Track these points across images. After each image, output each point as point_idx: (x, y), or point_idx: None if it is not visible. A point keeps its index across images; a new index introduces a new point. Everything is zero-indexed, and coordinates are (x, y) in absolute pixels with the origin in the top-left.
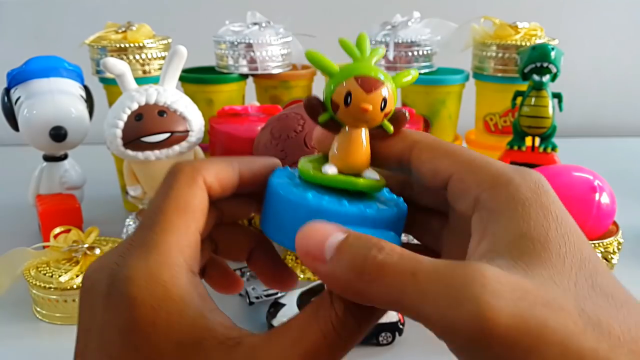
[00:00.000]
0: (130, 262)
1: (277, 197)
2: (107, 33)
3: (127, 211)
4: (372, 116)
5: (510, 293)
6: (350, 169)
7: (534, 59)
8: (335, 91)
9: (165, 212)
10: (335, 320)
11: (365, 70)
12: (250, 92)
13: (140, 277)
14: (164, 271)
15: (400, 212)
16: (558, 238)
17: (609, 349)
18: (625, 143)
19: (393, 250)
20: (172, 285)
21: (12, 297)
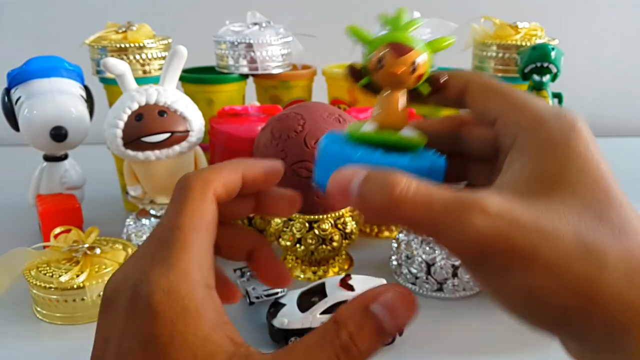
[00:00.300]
0: (152, 277)
1: (322, 151)
2: (107, 33)
3: (127, 211)
4: (402, 78)
5: (501, 219)
6: (387, 126)
7: (534, 59)
8: (370, 57)
9: (183, 229)
10: (339, 349)
11: (396, 37)
12: (250, 92)
13: (161, 292)
14: (183, 287)
15: (433, 165)
16: (575, 175)
17: (598, 273)
18: (625, 143)
19: (409, 184)
20: (190, 300)
21: (12, 297)
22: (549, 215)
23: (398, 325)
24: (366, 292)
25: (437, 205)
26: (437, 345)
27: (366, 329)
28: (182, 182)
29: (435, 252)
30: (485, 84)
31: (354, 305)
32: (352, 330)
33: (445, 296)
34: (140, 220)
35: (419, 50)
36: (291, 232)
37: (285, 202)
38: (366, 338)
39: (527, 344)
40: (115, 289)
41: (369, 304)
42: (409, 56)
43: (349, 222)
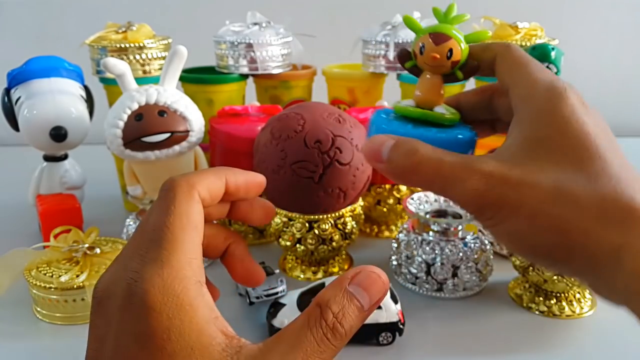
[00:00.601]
0: (146, 276)
1: (370, 122)
2: (107, 33)
3: (127, 211)
4: (440, 62)
5: (494, 179)
6: (424, 104)
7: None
8: (416, 44)
9: (172, 229)
10: (325, 328)
11: (438, 28)
12: (250, 92)
13: (156, 290)
14: (177, 284)
15: (458, 138)
16: (559, 136)
17: (572, 214)
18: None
19: (426, 151)
20: (184, 296)
21: (12, 297)
22: (534, 170)
23: (374, 302)
24: (341, 276)
25: (445, 169)
26: (437, 345)
27: (348, 309)
28: (167, 184)
29: (435, 252)
30: (508, 56)
31: (333, 288)
32: (336, 311)
33: (445, 296)
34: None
35: (456, 40)
36: (291, 232)
37: (258, 211)
38: (349, 317)
39: (527, 344)
40: (107, 289)
41: (346, 286)
42: (446, 45)
43: (349, 222)
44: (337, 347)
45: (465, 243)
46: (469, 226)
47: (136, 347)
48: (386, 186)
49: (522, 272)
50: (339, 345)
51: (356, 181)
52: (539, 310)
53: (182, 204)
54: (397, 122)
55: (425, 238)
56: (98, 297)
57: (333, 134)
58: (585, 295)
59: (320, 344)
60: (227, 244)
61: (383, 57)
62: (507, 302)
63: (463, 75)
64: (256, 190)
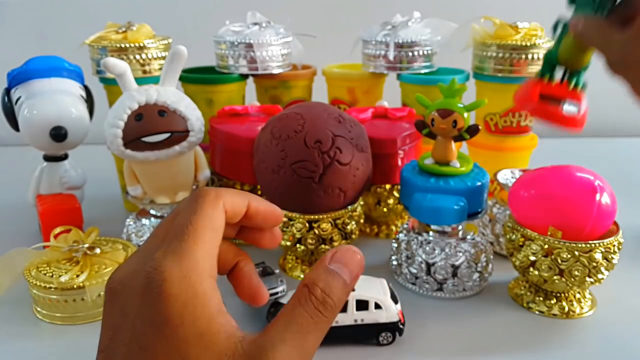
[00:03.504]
0: (165, 267)
1: (401, 176)
2: (107, 33)
3: (127, 211)
4: (447, 132)
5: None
6: (441, 160)
7: None
8: (428, 117)
9: (195, 227)
10: (316, 302)
11: (443, 104)
12: (250, 92)
13: (175, 279)
14: (193, 275)
15: (471, 186)
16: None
17: None
18: (625, 143)
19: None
20: (199, 286)
21: (12, 297)
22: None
23: (354, 275)
24: (321, 257)
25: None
26: (437, 345)
27: (333, 283)
28: (196, 193)
29: (435, 252)
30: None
31: (316, 269)
32: (322, 287)
33: (445, 296)
34: (140, 220)
35: (459, 112)
36: (291, 232)
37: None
38: (335, 290)
39: (527, 344)
40: (123, 280)
41: (327, 265)
42: (451, 117)
43: (349, 222)
44: (329, 318)
45: (465, 243)
46: (469, 226)
47: (152, 331)
48: (386, 186)
49: (522, 272)
50: (331, 317)
51: (356, 181)
52: (539, 310)
53: (207, 208)
54: (421, 176)
55: (425, 238)
56: (113, 288)
57: (333, 134)
58: (585, 295)
59: (313, 317)
60: (236, 261)
61: (383, 57)
62: (507, 302)
63: (469, 135)
64: (273, 222)
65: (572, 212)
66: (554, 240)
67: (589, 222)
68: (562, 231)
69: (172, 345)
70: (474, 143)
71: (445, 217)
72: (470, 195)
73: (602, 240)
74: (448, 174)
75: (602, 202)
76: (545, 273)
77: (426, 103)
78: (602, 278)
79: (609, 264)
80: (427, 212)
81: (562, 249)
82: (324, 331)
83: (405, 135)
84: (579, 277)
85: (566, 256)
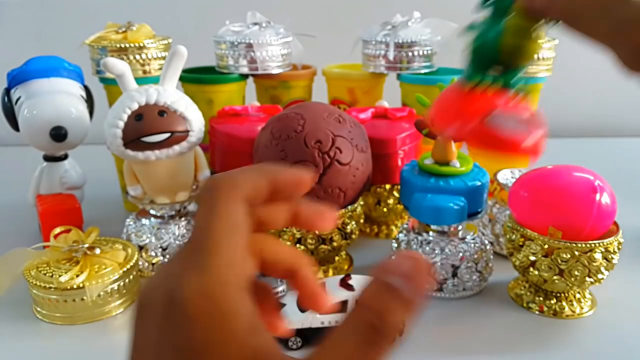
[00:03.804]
0: (185, 282)
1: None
2: (107, 33)
3: (127, 211)
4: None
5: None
6: (441, 160)
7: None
8: (428, 116)
9: (213, 233)
10: (367, 329)
11: None
12: (250, 92)
13: (195, 297)
14: (217, 290)
15: (471, 186)
16: None
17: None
18: (625, 143)
19: None
20: (225, 302)
21: (12, 297)
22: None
23: (419, 292)
24: (380, 267)
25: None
26: (437, 345)
27: (390, 303)
28: (208, 185)
29: (435, 253)
30: None
31: (373, 284)
32: (376, 308)
33: (445, 296)
34: (140, 220)
35: None
36: (291, 232)
37: (321, 217)
38: (392, 312)
39: (527, 344)
40: (148, 295)
41: (386, 278)
42: None
43: (349, 222)
44: (384, 347)
45: (465, 243)
46: (469, 226)
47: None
48: (386, 186)
49: (522, 272)
50: (386, 345)
51: (356, 181)
52: (539, 310)
53: (223, 205)
54: (421, 176)
55: (425, 238)
56: (140, 304)
57: (333, 134)
58: (585, 295)
59: (364, 347)
60: (291, 264)
61: (383, 57)
62: (507, 302)
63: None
64: (302, 187)
65: (572, 212)
66: (554, 240)
67: (589, 222)
68: (562, 231)
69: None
70: None
71: (445, 217)
72: (470, 195)
73: (602, 240)
74: (448, 174)
75: (602, 202)
76: (545, 273)
77: (426, 103)
78: (602, 278)
79: (609, 264)
80: (427, 212)
81: (562, 249)
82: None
83: (405, 135)
84: (579, 277)
85: (566, 256)
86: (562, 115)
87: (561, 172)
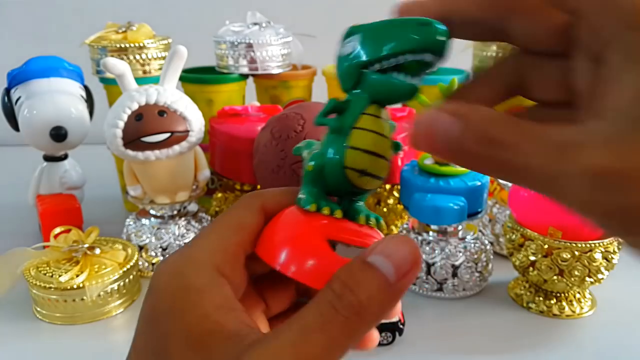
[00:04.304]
0: (163, 263)
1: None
2: (107, 33)
3: (127, 211)
4: None
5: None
6: (440, 160)
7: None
8: None
9: (213, 225)
10: (332, 296)
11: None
12: (250, 92)
13: (165, 274)
14: (188, 267)
15: (471, 186)
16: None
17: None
18: None
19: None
20: (194, 278)
21: (12, 297)
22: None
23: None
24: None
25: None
26: (437, 345)
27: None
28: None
29: (435, 253)
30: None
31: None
32: (345, 279)
33: (445, 296)
34: (140, 220)
35: None
36: None
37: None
38: (365, 287)
39: (527, 344)
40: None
41: (366, 257)
42: None
43: None
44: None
45: (465, 243)
46: (469, 226)
47: (142, 330)
48: (386, 186)
49: (522, 272)
50: (352, 317)
51: None
52: (539, 310)
53: (237, 208)
54: (421, 176)
55: (425, 238)
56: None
57: None
58: (585, 295)
59: (323, 315)
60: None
61: None
62: (507, 302)
63: None
64: None
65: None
66: (554, 240)
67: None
68: (562, 231)
69: (158, 343)
70: None
71: (445, 217)
72: (470, 195)
73: (602, 240)
74: (448, 174)
75: None
76: (545, 273)
77: (426, 103)
78: (602, 278)
79: (609, 264)
80: (427, 212)
81: (562, 249)
82: (337, 337)
83: (405, 135)
84: (578, 277)
85: (566, 256)
86: None
87: None
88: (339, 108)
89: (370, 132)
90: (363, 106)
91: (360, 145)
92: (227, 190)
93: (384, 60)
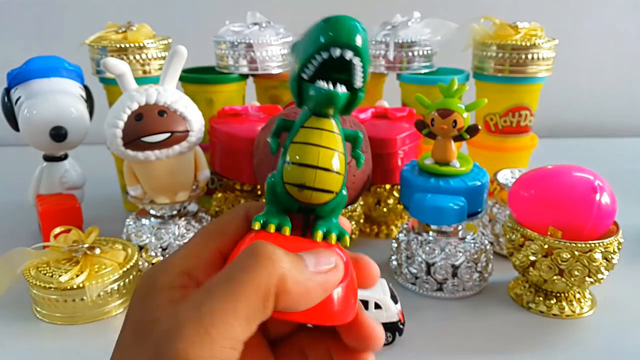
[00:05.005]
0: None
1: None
2: (107, 33)
3: (127, 211)
4: (446, 132)
5: None
6: (441, 160)
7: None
8: (427, 117)
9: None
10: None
11: (443, 104)
12: (250, 92)
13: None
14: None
15: (471, 186)
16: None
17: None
18: (625, 143)
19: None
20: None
21: (12, 297)
22: None
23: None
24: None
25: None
26: (437, 345)
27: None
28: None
29: (435, 252)
30: None
31: None
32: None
33: (445, 296)
34: (140, 220)
35: (459, 112)
36: None
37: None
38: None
39: (527, 344)
40: None
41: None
42: (451, 117)
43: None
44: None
45: (465, 243)
46: (469, 226)
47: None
48: (386, 186)
49: (522, 272)
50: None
51: (356, 181)
52: (539, 310)
53: (219, 218)
54: (421, 176)
55: (425, 238)
56: None
57: None
58: (585, 295)
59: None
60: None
61: (383, 57)
62: (507, 302)
63: (469, 135)
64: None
65: (572, 212)
66: (554, 240)
67: (589, 222)
68: (562, 231)
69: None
70: (474, 143)
71: (445, 217)
72: (470, 195)
73: (602, 240)
74: (448, 174)
75: (602, 202)
76: (545, 273)
77: (426, 103)
78: (602, 278)
79: (608, 264)
80: (427, 212)
81: (562, 249)
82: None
83: (405, 135)
84: (578, 277)
85: (566, 256)
86: (562, 115)
87: (561, 172)
88: (287, 125)
89: (305, 145)
90: (304, 120)
91: (294, 160)
92: (227, 190)
93: (305, 68)
